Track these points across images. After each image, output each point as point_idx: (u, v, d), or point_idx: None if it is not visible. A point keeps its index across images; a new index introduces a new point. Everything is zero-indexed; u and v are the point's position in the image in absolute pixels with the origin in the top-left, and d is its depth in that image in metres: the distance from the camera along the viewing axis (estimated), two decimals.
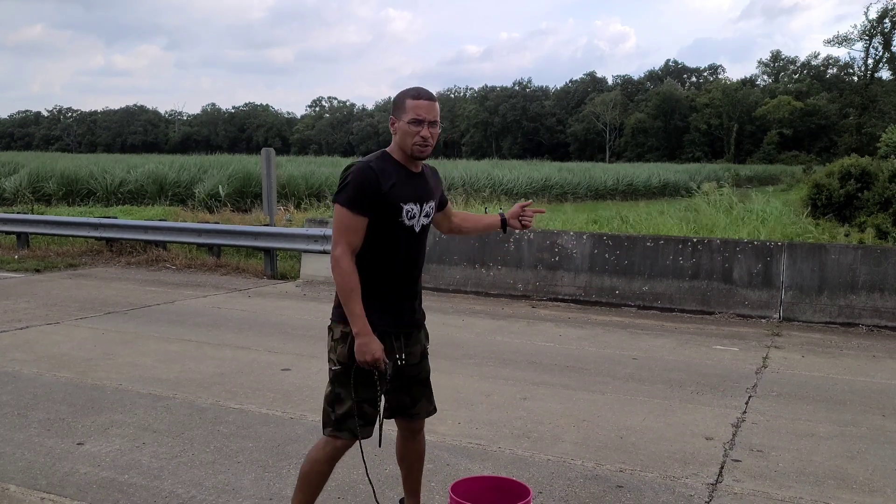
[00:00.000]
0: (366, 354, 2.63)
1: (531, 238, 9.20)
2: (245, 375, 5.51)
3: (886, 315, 7.54)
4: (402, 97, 2.73)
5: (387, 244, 2.72)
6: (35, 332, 6.86)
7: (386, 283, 2.74)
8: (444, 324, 7.52)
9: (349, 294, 2.64)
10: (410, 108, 2.68)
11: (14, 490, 3.57)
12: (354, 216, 2.65)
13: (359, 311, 2.64)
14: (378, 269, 2.72)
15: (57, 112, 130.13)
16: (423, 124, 2.68)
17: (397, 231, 2.72)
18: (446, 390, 5.25)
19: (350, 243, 2.66)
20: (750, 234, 11.12)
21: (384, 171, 2.68)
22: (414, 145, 2.70)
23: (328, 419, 2.78)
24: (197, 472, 3.79)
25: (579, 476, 3.81)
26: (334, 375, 2.75)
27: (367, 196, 2.64)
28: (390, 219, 2.69)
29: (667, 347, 6.67)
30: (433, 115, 2.70)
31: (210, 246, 11.42)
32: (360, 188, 2.64)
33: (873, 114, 57.08)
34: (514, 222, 3.22)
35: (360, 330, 2.63)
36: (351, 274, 2.64)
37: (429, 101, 2.70)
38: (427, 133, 2.69)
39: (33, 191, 22.00)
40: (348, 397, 2.72)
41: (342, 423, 2.75)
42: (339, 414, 2.74)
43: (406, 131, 2.69)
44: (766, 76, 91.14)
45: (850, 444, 4.34)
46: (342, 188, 2.68)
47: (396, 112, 2.73)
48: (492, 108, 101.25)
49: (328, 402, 2.77)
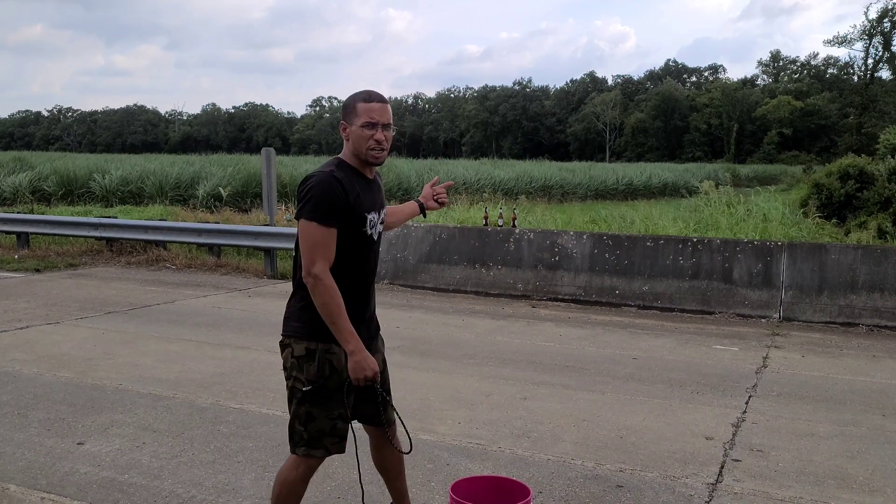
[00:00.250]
0: (365, 370, 2.55)
1: (531, 238, 9.21)
2: (245, 375, 5.51)
3: (886, 315, 7.54)
4: (353, 101, 2.63)
5: (353, 255, 2.63)
6: (35, 331, 6.86)
7: (352, 293, 2.64)
8: (444, 324, 7.52)
9: (339, 311, 2.52)
10: (363, 112, 2.59)
11: (14, 490, 3.57)
12: (326, 230, 2.52)
13: (350, 328, 2.54)
14: (345, 280, 2.60)
15: (57, 112, 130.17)
16: (377, 127, 2.59)
17: (361, 241, 2.65)
18: (446, 390, 5.25)
19: (327, 258, 2.53)
20: (757, 233, 11.12)
21: (347, 181, 2.58)
22: (369, 150, 2.61)
23: (300, 438, 2.66)
24: (197, 472, 3.79)
25: (579, 476, 3.81)
26: (304, 395, 2.61)
27: (335, 207, 2.53)
28: (355, 229, 2.61)
29: (667, 347, 6.67)
30: (386, 118, 2.61)
31: (210, 246, 11.42)
32: (328, 200, 2.51)
33: (873, 114, 57.04)
34: (431, 203, 3.19)
35: (355, 348, 2.54)
36: (336, 291, 2.52)
37: (381, 104, 2.61)
38: (382, 136, 2.60)
39: (33, 190, 22.01)
40: (322, 416, 2.62)
41: (317, 442, 2.65)
42: (313, 432, 2.64)
43: (360, 136, 2.60)
44: (766, 76, 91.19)
45: (850, 443, 4.34)
46: (306, 201, 2.52)
47: (348, 117, 2.63)
48: (492, 107, 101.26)
49: (300, 422, 2.64)
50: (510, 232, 9.39)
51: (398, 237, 9.83)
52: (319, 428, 2.64)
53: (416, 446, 4.17)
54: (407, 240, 9.78)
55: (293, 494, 2.73)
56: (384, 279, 9.70)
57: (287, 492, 2.72)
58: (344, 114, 2.67)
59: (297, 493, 2.74)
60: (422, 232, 9.77)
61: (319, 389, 2.61)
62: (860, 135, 55.44)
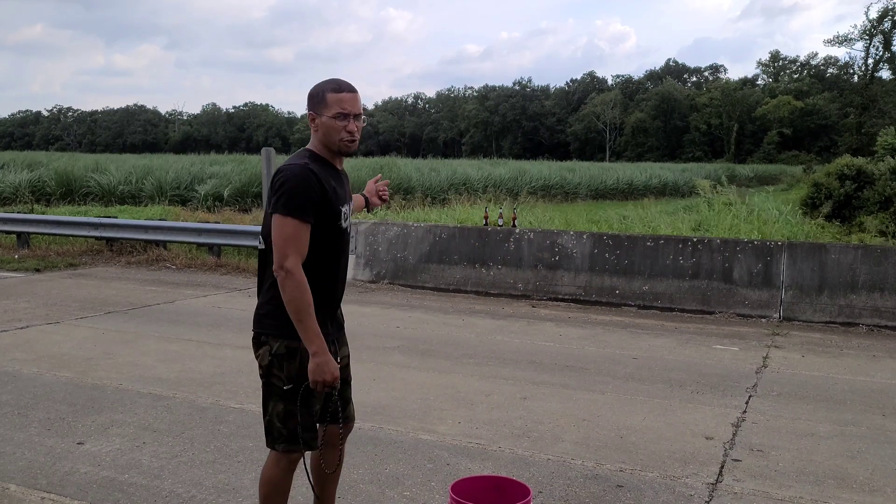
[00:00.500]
0: (325, 374, 2.47)
1: (531, 238, 9.21)
2: (245, 375, 5.51)
3: (886, 315, 7.54)
4: (322, 90, 2.55)
5: (328, 249, 2.59)
6: (35, 331, 6.86)
7: (326, 286, 2.62)
8: (444, 323, 7.52)
9: (306, 309, 2.44)
10: (333, 102, 2.52)
11: (14, 489, 3.57)
12: (300, 224, 2.45)
13: (316, 328, 2.46)
14: (320, 274, 2.58)
15: (57, 112, 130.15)
16: (349, 118, 2.53)
17: (336, 235, 2.60)
18: (446, 390, 5.25)
19: (300, 252, 2.46)
20: (757, 232, 11.12)
21: (322, 174, 2.53)
22: (341, 141, 2.55)
23: (279, 435, 2.61)
24: (197, 472, 3.79)
25: (579, 476, 3.81)
26: (285, 393, 2.57)
27: (311, 201, 2.47)
28: (331, 223, 2.56)
29: (667, 347, 6.67)
30: (357, 108, 2.56)
31: (210, 245, 11.43)
32: (304, 193, 2.45)
33: (874, 113, 57.01)
34: (374, 200, 3.20)
35: (318, 349, 2.46)
36: (306, 287, 2.45)
37: (351, 93, 2.55)
38: (353, 127, 2.55)
39: (32, 190, 22.01)
40: (302, 413, 2.59)
41: (296, 437, 2.60)
42: (292, 429, 2.59)
43: (331, 126, 2.53)
44: (766, 76, 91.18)
45: (850, 443, 4.34)
46: (281, 195, 2.45)
47: (316, 107, 2.56)
48: (492, 107, 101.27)
49: (278, 420, 2.59)
50: (510, 232, 9.39)
51: (398, 237, 9.83)
52: (300, 424, 2.60)
53: (415, 446, 4.18)
54: (407, 240, 9.78)
55: (279, 491, 2.69)
56: (385, 279, 9.70)
57: (272, 490, 2.68)
58: (311, 104, 2.59)
59: (283, 488, 2.70)
60: (422, 232, 9.77)
61: (298, 388, 2.57)
62: (860, 135, 55.42)
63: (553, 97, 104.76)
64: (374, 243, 9.95)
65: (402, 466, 3.89)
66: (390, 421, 4.57)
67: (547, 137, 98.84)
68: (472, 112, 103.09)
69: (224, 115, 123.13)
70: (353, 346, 2.97)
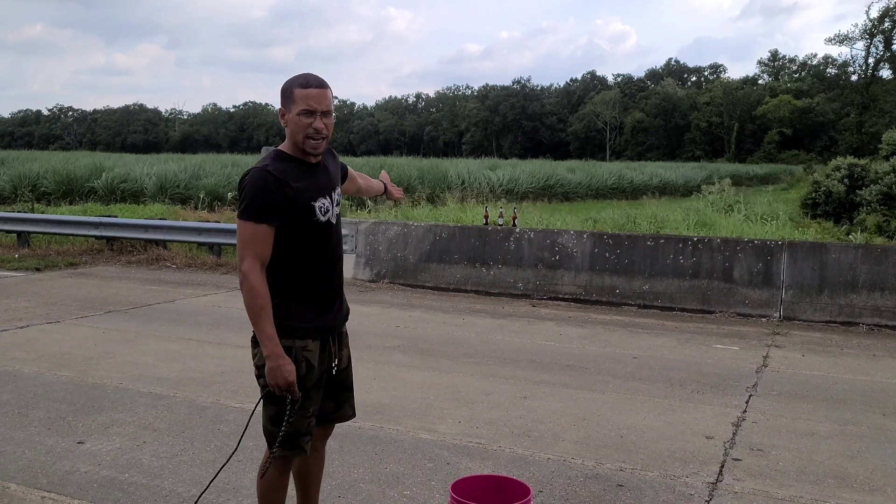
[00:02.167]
0: (279, 378, 2.45)
1: (531, 237, 9.21)
2: (246, 374, 5.51)
3: (887, 314, 7.54)
4: (290, 86, 2.50)
5: (309, 245, 2.57)
6: (35, 330, 6.86)
7: (316, 282, 2.60)
8: (445, 323, 7.52)
9: (259, 312, 2.43)
10: (300, 99, 2.46)
11: (15, 489, 3.57)
12: (258, 227, 2.44)
13: (270, 331, 2.44)
14: (306, 271, 2.57)
15: (57, 111, 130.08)
16: (315, 115, 2.47)
17: (316, 230, 2.57)
18: (446, 389, 5.25)
19: (258, 256, 2.45)
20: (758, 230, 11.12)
21: (285, 173, 2.49)
22: (307, 138, 2.50)
23: (273, 438, 2.60)
24: (197, 471, 3.79)
25: (579, 475, 3.81)
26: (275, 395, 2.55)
27: (270, 204, 2.44)
28: (305, 221, 2.53)
29: (667, 346, 6.67)
30: (325, 105, 2.49)
31: (210, 245, 11.43)
32: (262, 197, 2.44)
33: (874, 113, 57.03)
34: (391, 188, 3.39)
35: (271, 352, 2.44)
36: (261, 290, 2.44)
37: (319, 89, 2.48)
38: (321, 124, 2.48)
39: (32, 189, 22.02)
40: (297, 415, 2.57)
41: (292, 441, 2.59)
42: (285, 432, 2.57)
43: (297, 124, 2.48)
44: (767, 75, 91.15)
45: (850, 443, 4.34)
46: (241, 199, 2.47)
47: (285, 103, 2.51)
48: (492, 106, 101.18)
49: (273, 423, 2.59)
50: (510, 231, 9.39)
51: (398, 237, 9.83)
52: (295, 428, 2.58)
53: (416, 445, 4.18)
54: (407, 239, 9.78)
55: (275, 488, 2.69)
56: (385, 278, 9.70)
57: (268, 488, 2.68)
58: (282, 99, 2.54)
59: (280, 486, 2.69)
60: (422, 231, 9.77)
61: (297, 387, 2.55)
62: (861, 134, 55.44)
63: (553, 96, 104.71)
64: (374, 242, 9.95)
65: (402, 466, 3.89)
66: (390, 420, 4.57)
67: (547, 137, 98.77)
68: (473, 111, 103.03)
69: (224, 115, 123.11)
70: (354, 346, 2.96)
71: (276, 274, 2.53)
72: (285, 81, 2.54)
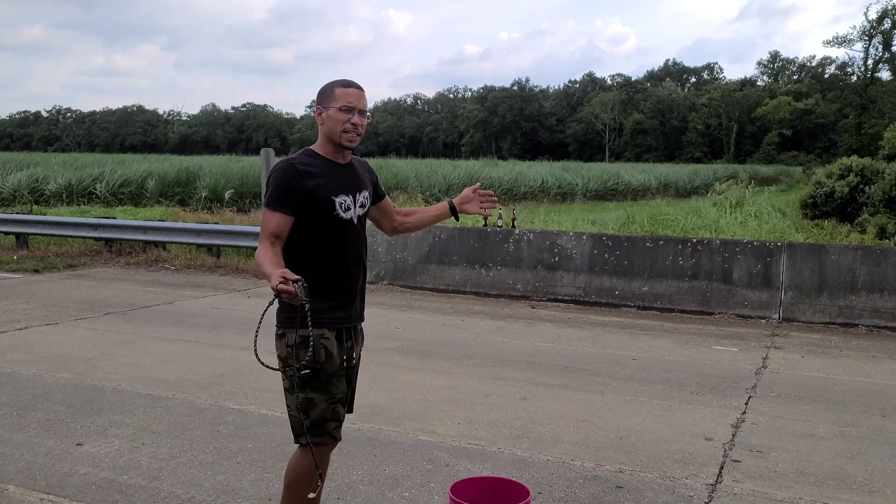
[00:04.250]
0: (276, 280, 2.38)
1: (531, 238, 9.20)
2: (244, 376, 5.51)
3: (886, 315, 7.54)
4: (331, 86, 2.69)
5: (329, 240, 2.68)
6: (34, 332, 6.85)
7: (334, 278, 2.69)
8: (444, 324, 7.52)
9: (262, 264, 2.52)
10: (340, 96, 2.65)
11: (13, 490, 3.56)
12: (276, 214, 2.60)
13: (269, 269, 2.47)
14: (325, 265, 2.67)
15: (56, 112, 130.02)
16: (354, 111, 2.65)
17: (336, 225, 2.69)
18: (446, 391, 5.25)
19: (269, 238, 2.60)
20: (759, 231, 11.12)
21: (309, 166, 2.65)
22: (343, 132, 2.66)
23: (301, 427, 2.67)
24: (196, 473, 3.79)
25: (579, 476, 3.81)
26: (303, 381, 2.64)
27: (288, 194, 2.60)
28: (325, 214, 2.66)
29: (666, 348, 6.67)
30: (363, 105, 2.68)
31: (209, 246, 11.42)
32: (282, 186, 2.60)
33: (873, 114, 57.09)
34: (470, 207, 3.08)
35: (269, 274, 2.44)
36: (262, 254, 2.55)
37: (358, 90, 2.68)
38: (357, 120, 2.66)
39: (31, 191, 22.01)
40: (322, 400, 2.66)
41: (319, 428, 2.67)
42: (314, 419, 2.66)
43: (336, 119, 2.65)
44: (766, 76, 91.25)
45: (849, 444, 4.34)
46: (266, 189, 2.66)
47: (324, 101, 2.68)
48: (491, 108, 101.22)
49: (301, 410, 2.66)
50: (510, 232, 9.38)
51: (397, 238, 9.82)
52: (320, 415, 2.67)
53: (415, 447, 4.18)
54: (406, 240, 9.77)
55: (303, 481, 2.76)
56: (384, 280, 9.70)
57: (296, 479, 2.75)
58: (319, 99, 2.71)
59: (308, 479, 2.76)
60: (421, 232, 9.77)
61: (318, 374, 2.64)
62: (860, 135, 55.50)
63: (552, 98, 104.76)
64: (374, 244, 9.95)
65: (401, 467, 3.89)
66: (390, 422, 4.56)
67: (546, 138, 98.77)
68: (472, 113, 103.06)
69: (223, 116, 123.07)
70: None
71: (296, 265, 2.60)
72: (324, 85, 2.72)
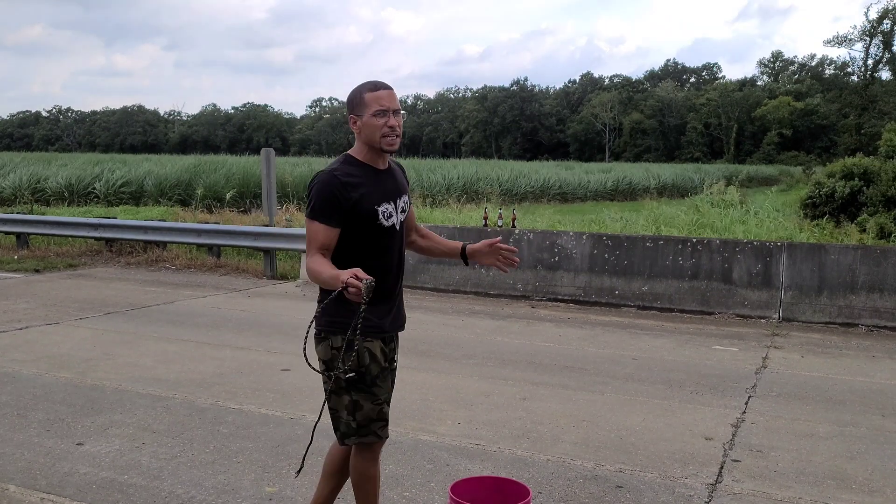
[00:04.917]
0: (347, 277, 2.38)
1: (531, 238, 9.21)
2: (245, 376, 5.51)
3: (886, 315, 7.54)
4: (360, 92, 2.64)
5: (373, 247, 2.69)
6: (35, 332, 6.86)
7: (381, 284, 2.67)
8: (444, 324, 7.52)
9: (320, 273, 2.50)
10: (372, 101, 2.61)
11: (14, 490, 3.57)
12: (324, 228, 2.59)
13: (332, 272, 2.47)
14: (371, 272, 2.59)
15: (56, 112, 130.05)
16: (388, 114, 2.61)
17: (378, 233, 2.69)
18: (446, 390, 5.25)
19: (319, 251, 2.60)
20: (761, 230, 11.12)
21: (351, 177, 2.62)
22: (383, 137, 2.62)
23: (348, 429, 2.70)
24: (197, 473, 3.79)
25: (579, 476, 3.82)
26: (350, 384, 2.66)
27: (335, 207, 2.58)
28: (368, 224, 2.65)
29: (666, 348, 6.67)
30: (395, 104, 2.64)
31: (210, 246, 11.42)
32: (327, 199, 2.58)
33: (873, 114, 57.03)
34: (484, 259, 3.00)
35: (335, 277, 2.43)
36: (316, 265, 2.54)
37: (388, 91, 2.64)
38: (394, 122, 2.62)
39: (33, 192, 22.01)
40: (368, 402, 2.69)
41: (365, 429, 2.71)
42: (361, 420, 2.70)
43: (372, 125, 2.61)
44: (766, 76, 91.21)
45: (849, 444, 4.34)
46: (309, 200, 2.62)
47: (356, 110, 2.64)
48: (491, 108, 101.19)
49: (348, 412, 2.69)
50: (510, 232, 9.39)
51: None
52: (367, 415, 2.70)
53: (415, 447, 4.18)
54: None
55: (367, 478, 2.79)
56: None
57: (359, 478, 2.79)
58: (351, 107, 2.67)
59: (371, 475, 2.79)
60: None
61: (363, 377, 2.67)
62: (860, 135, 55.44)
63: (552, 98, 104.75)
64: None
65: (401, 467, 3.89)
66: (390, 421, 4.55)
67: (546, 138, 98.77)
68: (472, 113, 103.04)
69: (223, 116, 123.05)
70: None
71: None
72: (351, 91, 2.68)
